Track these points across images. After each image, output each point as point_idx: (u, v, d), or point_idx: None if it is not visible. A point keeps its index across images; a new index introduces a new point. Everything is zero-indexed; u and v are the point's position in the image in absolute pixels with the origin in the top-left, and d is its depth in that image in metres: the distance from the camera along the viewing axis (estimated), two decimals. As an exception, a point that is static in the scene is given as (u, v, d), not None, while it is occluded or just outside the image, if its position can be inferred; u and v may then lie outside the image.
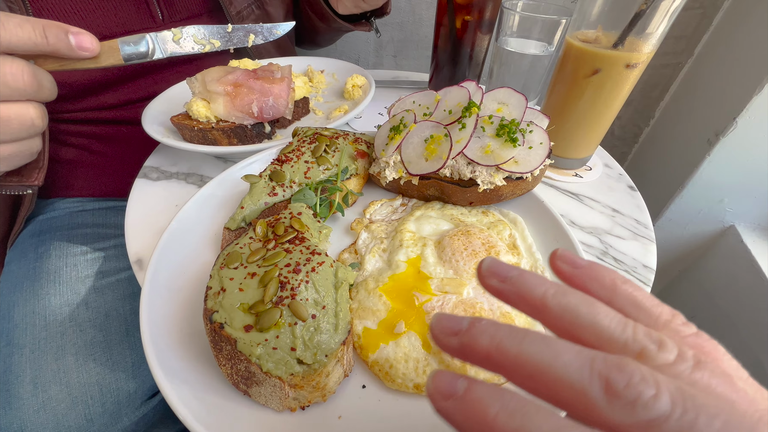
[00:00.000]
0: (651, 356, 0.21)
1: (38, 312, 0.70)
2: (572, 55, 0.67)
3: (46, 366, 0.64)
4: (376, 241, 0.57)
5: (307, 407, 0.39)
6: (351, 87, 0.92)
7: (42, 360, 0.65)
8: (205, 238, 0.57)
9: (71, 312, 0.70)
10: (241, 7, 0.94)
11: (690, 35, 1.17)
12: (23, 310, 0.70)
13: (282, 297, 0.39)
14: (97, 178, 0.92)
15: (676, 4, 0.56)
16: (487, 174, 0.56)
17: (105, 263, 0.79)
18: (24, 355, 0.65)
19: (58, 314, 0.70)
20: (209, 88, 0.72)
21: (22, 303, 0.71)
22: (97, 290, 0.74)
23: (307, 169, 0.60)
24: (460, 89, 0.62)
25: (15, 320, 0.69)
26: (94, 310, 0.72)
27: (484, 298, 0.47)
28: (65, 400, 0.62)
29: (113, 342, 0.69)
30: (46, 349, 0.66)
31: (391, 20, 1.46)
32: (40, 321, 0.69)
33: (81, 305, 0.72)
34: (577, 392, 0.20)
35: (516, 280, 0.25)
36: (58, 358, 0.65)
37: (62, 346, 0.66)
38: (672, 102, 1.26)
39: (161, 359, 0.40)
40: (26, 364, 0.64)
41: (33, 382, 0.63)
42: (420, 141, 0.60)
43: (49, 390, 0.62)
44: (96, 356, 0.67)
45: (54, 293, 0.72)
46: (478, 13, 0.83)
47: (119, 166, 0.92)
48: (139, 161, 0.78)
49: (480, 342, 0.23)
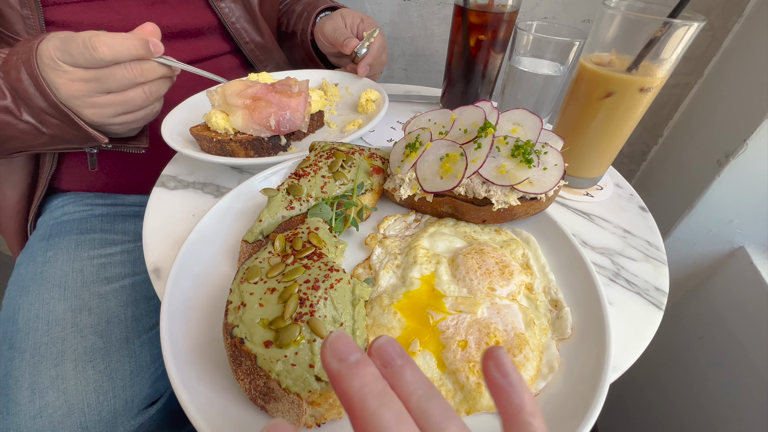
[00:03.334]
0: None
1: (42, 317, 0.70)
2: (586, 78, 0.68)
3: (45, 372, 0.64)
4: (390, 257, 0.57)
5: (323, 424, 0.40)
6: (365, 101, 0.93)
7: (41, 365, 0.64)
8: (223, 249, 0.57)
9: (74, 318, 0.71)
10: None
11: (700, 56, 1.18)
12: (27, 315, 0.70)
13: (301, 313, 0.40)
14: (113, 174, 0.95)
15: (691, 31, 0.57)
16: (502, 194, 0.57)
17: (110, 269, 0.80)
18: (24, 360, 0.65)
19: (61, 320, 0.70)
20: (229, 101, 0.73)
21: (26, 307, 0.71)
22: (100, 296, 0.75)
23: (323, 183, 0.61)
24: (475, 109, 0.63)
25: (19, 324, 0.70)
26: (96, 316, 0.72)
27: (498, 318, 0.48)
28: (62, 408, 0.62)
29: (113, 349, 0.70)
30: (45, 354, 0.66)
31: (403, 34, 1.49)
32: (42, 326, 0.69)
33: (84, 311, 0.72)
34: None
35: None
36: (57, 364, 0.65)
37: (62, 352, 0.66)
38: (681, 122, 1.27)
39: (180, 369, 0.40)
40: (26, 369, 0.64)
41: (31, 388, 0.62)
42: (435, 159, 0.61)
43: (46, 396, 0.62)
44: (95, 363, 0.67)
45: (59, 298, 0.73)
46: (492, 32, 0.84)
47: (134, 163, 0.94)
48: (153, 160, 0.81)
49: (351, 383, 0.24)
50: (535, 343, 0.46)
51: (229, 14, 0.96)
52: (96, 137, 0.68)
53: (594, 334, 0.46)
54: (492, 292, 0.50)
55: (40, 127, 0.66)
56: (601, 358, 0.42)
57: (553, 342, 0.47)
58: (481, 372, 0.28)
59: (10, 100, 0.63)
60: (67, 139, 0.69)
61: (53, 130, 0.66)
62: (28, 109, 0.64)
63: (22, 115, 0.64)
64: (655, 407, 1.17)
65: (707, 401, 1.00)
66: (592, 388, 0.40)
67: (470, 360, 0.43)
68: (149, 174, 0.79)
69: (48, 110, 0.63)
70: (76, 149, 0.76)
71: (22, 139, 0.68)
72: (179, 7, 0.91)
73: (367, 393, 0.23)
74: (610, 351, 0.43)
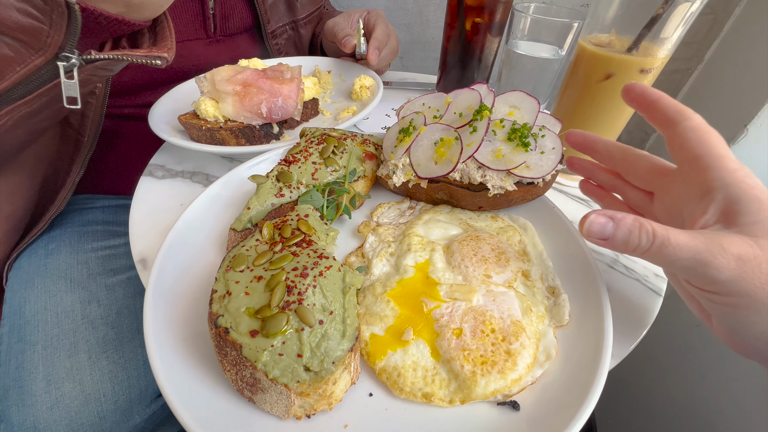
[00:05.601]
0: None
1: (50, 309, 0.69)
2: (585, 59, 0.66)
3: (59, 363, 0.64)
4: (384, 245, 0.56)
5: (312, 415, 0.38)
6: (359, 88, 0.91)
7: (55, 357, 0.65)
8: (211, 238, 0.56)
9: (83, 309, 0.70)
10: (277, 26, 1.06)
11: (700, 41, 1.16)
12: (35, 307, 0.70)
13: (289, 302, 0.38)
14: (116, 175, 0.93)
15: (693, 8, 0.55)
16: (498, 179, 0.55)
17: (116, 260, 0.79)
18: (36, 352, 0.65)
19: (70, 311, 0.70)
20: (218, 88, 0.71)
21: (33, 299, 0.71)
22: (108, 287, 0.74)
23: (314, 170, 0.59)
24: (471, 92, 0.61)
25: (26, 317, 0.69)
26: (105, 307, 0.72)
27: (494, 305, 0.46)
28: (78, 398, 0.62)
29: (125, 339, 0.69)
30: (58, 346, 0.66)
31: (398, 21, 1.46)
32: (52, 318, 0.68)
33: (93, 302, 0.71)
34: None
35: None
36: (71, 356, 0.65)
37: (75, 343, 0.66)
38: (681, 108, 1.25)
39: (164, 362, 0.39)
40: (39, 361, 0.64)
41: (46, 380, 0.63)
42: (430, 144, 0.59)
43: (62, 387, 0.62)
44: (108, 353, 0.67)
45: (65, 290, 0.72)
46: (489, 15, 0.82)
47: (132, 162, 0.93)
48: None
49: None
50: (532, 331, 0.45)
51: (278, 51, 1.08)
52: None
53: (592, 321, 0.45)
54: (488, 279, 0.49)
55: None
56: (599, 346, 0.41)
57: (550, 329, 0.46)
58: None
59: None
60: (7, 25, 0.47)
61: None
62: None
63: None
64: (654, 394, 1.17)
65: (706, 388, 0.99)
66: (590, 375, 0.39)
67: (465, 348, 0.42)
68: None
69: None
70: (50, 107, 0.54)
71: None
72: (232, 44, 1.01)
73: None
74: (608, 338, 0.41)
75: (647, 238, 0.35)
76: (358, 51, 0.94)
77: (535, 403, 0.40)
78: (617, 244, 0.37)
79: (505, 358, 0.41)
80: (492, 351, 0.42)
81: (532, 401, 0.40)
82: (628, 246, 0.36)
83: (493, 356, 0.41)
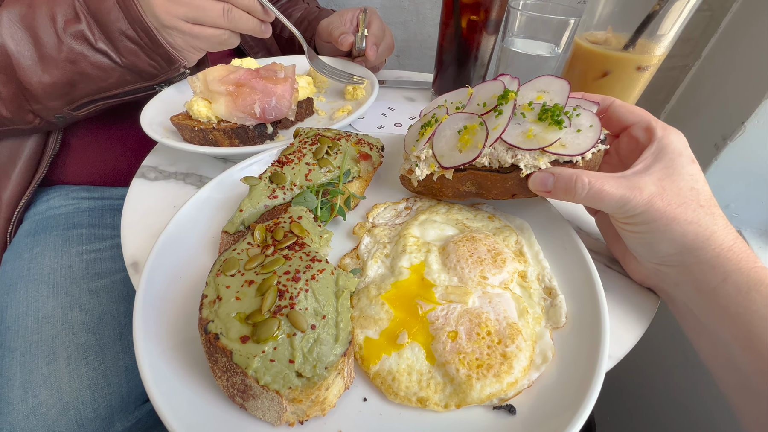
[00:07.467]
0: None
1: (31, 314, 0.68)
2: (581, 57, 0.66)
3: (37, 370, 0.63)
4: (379, 246, 0.55)
5: (305, 422, 0.38)
6: (353, 87, 0.90)
7: (33, 364, 0.63)
8: (203, 241, 0.55)
9: (64, 315, 0.69)
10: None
11: (697, 38, 1.15)
12: (16, 312, 0.69)
13: (280, 306, 0.38)
14: (99, 164, 0.92)
15: (690, 4, 0.54)
16: (531, 157, 0.51)
17: (100, 264, 0.78)
18: (15, 359, 0.64)
19: (51, 317, 0.68)
20: (211, 88, 0.70)
21: (15, 305, 0.70)
22: (91, 292, 0.73)
23: (308, 171, 0.58)
24: (494, 82, 0.57)
25: (7, 322, 0.68)
26: (88, 312, 0.70)
27: (490, 307, 0.46)
28: (56, 406, 0.61)
29: (106, 345, 0.68)
30: (37, 352, 0.64)
31: (395, 19, 1.45)
32: (32, 324, 0.67)
33: (75, 308, 0.70)
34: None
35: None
36: (49, 363, 0.64)
37: (54, 349, 0.65)
38: (678, 105, 1.24)
39: (154, 367, 0.38)
40: (17, 368, 0.63)
41: (23, 387, 0.61)
42: (453, 133, 0.56)
43: (39, 395, 0.61)
44: (89, 360, 0.66)
45: (48, 295, 0.71)
46: (485, 12, 0.81)
47: (121, 153, 0.94)
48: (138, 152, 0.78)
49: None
50: (529, 333, 0.44)
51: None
52: (175, 57, 0.70)
53: (589, 322, 0.44)
54: (484, 281, 0.48)
55: (114, 56, 0.67)
56: (596, 347, 0.40)
57: (547, 331, 0.46)
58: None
59: (85, 25, 0.63)
60: (140, 69, 0.71)
61: (128, 58, 0.68)
62: (103, 35, 0.65)
63: (96, 42, 0.65)
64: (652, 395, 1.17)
65: (705, 388, 0.99)
66: (587, 377, 0.38)
67: (460, 351, 0.41)
68: (134, 164, 0.76)
69: (127, 32, 0.65)
70: (146, 91, 0.77)
71: (93, 79, 0.68)
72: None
73: None
74: (605, 339, 0.41)
75: (582, 187, 0.45)
76: (358, 46, 0.93)
77: (531, 406, 0.39)
78: (558, 194, 0.48)
79: (501, 361, 0.41)
80: (488, 354, 0.41)
81: (528, 405, 0.40)
82: (567, 194, 0.47)
83: (488, 359, 0.41)
